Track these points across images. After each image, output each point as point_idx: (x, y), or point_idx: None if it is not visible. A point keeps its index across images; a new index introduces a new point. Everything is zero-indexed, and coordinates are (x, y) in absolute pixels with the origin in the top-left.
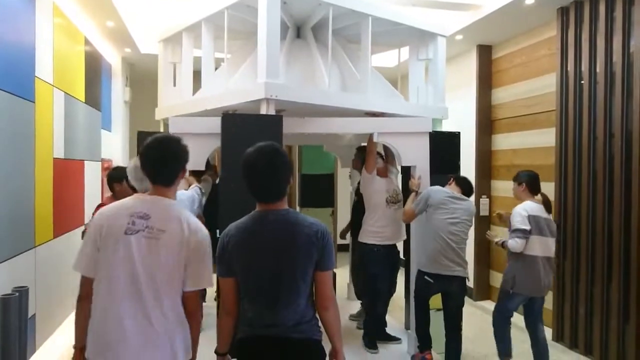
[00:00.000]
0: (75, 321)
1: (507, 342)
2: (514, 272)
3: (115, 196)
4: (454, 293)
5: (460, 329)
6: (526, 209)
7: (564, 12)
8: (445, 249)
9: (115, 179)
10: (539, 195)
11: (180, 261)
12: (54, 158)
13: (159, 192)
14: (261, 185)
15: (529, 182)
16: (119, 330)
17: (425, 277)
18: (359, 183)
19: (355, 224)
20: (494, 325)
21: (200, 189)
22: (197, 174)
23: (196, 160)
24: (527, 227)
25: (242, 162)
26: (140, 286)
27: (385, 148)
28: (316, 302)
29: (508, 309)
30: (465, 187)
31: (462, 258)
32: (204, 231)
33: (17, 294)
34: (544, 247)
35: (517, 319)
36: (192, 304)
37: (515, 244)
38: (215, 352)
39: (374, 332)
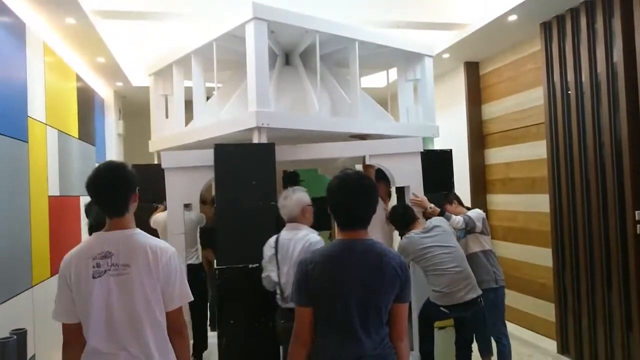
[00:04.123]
0: None
1: None
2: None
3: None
4: (468, 320)
5: (471, 350)
6: None
7: (546, 26)
8: (454, 278)
9: None
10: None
11: (154, 288)
12: (49, 196)
13: (117, 225)
14: (351, 212)
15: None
16: None
17: (441, 308)
18: None
19: None
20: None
21: None
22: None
23: (190, 194)
24: None
25: (332, 188)
26: (117, 325)
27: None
28: (391, 333)
29: None
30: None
31: (472, 276)
32: (170, 250)
33: (14, 337)
34: None
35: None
36: (177, 322)
37: None
38: None
39: None
